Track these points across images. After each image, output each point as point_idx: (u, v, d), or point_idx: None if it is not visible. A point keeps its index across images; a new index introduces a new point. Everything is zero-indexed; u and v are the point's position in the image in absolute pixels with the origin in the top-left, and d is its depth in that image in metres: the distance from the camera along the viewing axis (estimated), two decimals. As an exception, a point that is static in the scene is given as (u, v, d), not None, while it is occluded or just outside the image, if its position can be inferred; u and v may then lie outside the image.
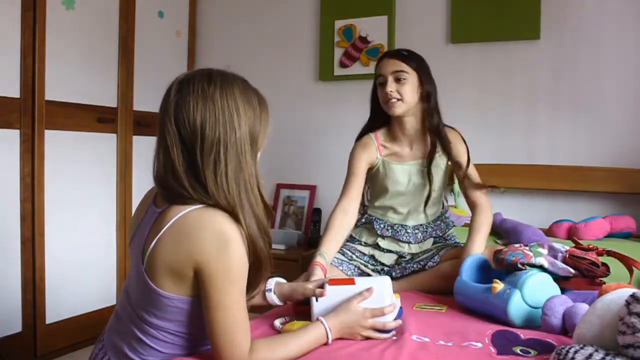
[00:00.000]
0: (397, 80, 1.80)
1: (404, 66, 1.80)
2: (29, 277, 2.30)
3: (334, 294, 1.29)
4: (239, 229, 1.05)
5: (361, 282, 1.30)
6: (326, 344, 1.20)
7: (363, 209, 2.01)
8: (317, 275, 1.59)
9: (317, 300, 1.29)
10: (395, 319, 1.30)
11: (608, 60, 2.40)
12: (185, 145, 1.06)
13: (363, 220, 2.00)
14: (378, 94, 1.88)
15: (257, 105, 1.12)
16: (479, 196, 1.88)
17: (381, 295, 1.28)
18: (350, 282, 1.31)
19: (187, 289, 1.07)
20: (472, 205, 1.88)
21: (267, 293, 1.42)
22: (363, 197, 1.96)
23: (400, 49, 1.89)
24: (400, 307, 1.35)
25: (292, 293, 1.41)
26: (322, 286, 1.33)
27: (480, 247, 1.74)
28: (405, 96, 1.79)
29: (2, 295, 2.22)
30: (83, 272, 2.56)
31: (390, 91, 1.79)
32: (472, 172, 1.91)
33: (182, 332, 1.12)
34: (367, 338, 1.25)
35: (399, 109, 1.81)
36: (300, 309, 1.42)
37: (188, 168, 1.06)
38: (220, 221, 1.04)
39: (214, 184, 1.05)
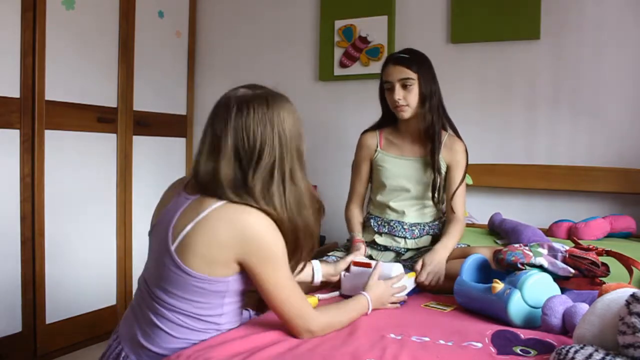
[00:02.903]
0: (404, 86, 1.87)
1: (409, 72, 1.86)
2: (29, 277, 2.31)
3: (357, 272, 1.65)
4: (266, 218, 1.16)
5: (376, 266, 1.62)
6: (366, 314, 1.41)
7: (366, 208, 2.06)
8: (362, 249, 1.88)
9: (344, 275, 1.67)
10: (409, 294, 1.63)
11: (608, 60, 2.39)
12: (241, 161, 1.17)
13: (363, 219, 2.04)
14: (387, 98, 1.94)
15: (300, 123, 1.26)
16: (460, 206, 1.93)
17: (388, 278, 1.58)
18: (369, 266, 1.63)
19: (222, 272, 1.16)
20: (450, 215, 1.93)
21: (315, 270, 1.65)
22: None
23: (402, 53, 1.92)
24: (416, 286, 1.69)
25: (332, 272, 1.69)
26: (349, 268, 1.68)
27: (449, 250, 1.81)
28: (412, 102, 1.88)
29: (2, 295, 2.22)
30: (83, 272, 2.56)
31: (399, 98, 1.87)
32: (460, 195, 1.94)
33: (201, 314, 1.18)
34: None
35: (407, 113, 1.90)
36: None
37: (238, 180, 1.17)
38: (248, 216, 1.15)
39: (264, 197, 1.16)
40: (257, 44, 3.14)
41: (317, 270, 1.64)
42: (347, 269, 1.68)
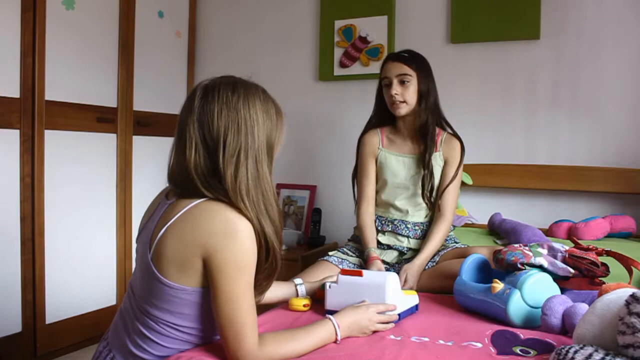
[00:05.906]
0: (402, 83, 1.89)
1: (406, 69, 1.89)
2: (29, 277, 2.31)
3: (345, 283, 1.41)
4: (249, 224, 1.08)
5: (368, 275, 1.41)
6: (335, 342, 1.22)
7: None
8: (380, 267, 1.80)
9: (330, 287, 1.42)
10: (409, 314, 1.42)
11: (608, 60, 2.40)
12: (208, 148, 1.11)
13: None
14: (384, 95, 1.96)
15: (275, 116, 1.18)
16: (449, 203, 1.92)
17: (383, 290, 1.35)
18: (359, 274, 1.41)
19: (193, 279, 1.09)
20: (437, 212, 1.93)
21: (298, 287, 1.54)
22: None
23: (402, 51, 1.97)
24: (417, 304, 1.47)
25: (317, 287, 1.56)
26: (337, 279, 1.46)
27: (430, 256, 1.83)
28: (409, 98, 1.90)
29: (2, 295, 2.22)
30: (83, 272, 2.56)
31: (395, 94, 1.89)
32: (451, 192, 1.93)
33: (185, 326, 1.13)
34: (375, 332, 1.30)
35: (403, 110, 1.92)
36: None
37: (208, 169, 1.11)
38: (229, 212, 1.08)
39: (233, 186, 1.09)
40: (257, 44, 3.14)
41: (300, 286, 1.53)
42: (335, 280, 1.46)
